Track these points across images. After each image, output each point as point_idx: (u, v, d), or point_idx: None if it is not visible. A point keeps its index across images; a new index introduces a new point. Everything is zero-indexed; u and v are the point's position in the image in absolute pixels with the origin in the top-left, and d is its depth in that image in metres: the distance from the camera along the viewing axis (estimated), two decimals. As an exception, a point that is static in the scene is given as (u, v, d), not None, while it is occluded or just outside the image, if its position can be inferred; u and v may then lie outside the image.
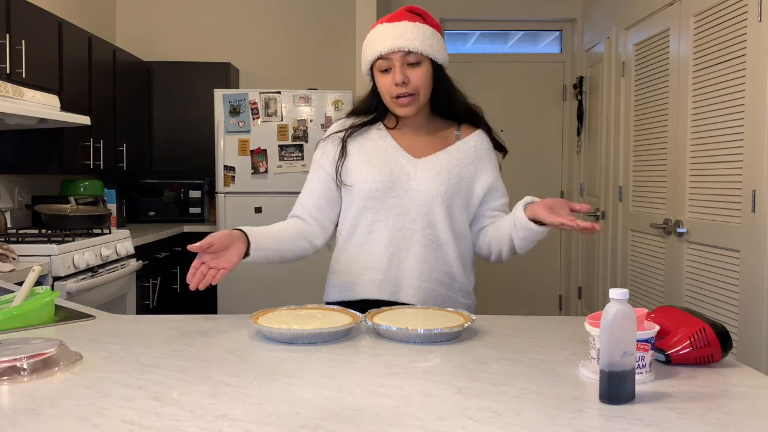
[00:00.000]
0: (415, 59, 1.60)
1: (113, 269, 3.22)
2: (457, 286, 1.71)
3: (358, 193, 1.67)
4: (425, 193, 1.65)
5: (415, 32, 1.60)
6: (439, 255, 1.67)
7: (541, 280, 5.19)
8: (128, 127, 4.29)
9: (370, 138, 1.71)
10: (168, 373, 1.13)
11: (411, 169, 1.66)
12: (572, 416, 0.95)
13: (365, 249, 1.68)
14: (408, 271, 1.65)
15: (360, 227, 1.69)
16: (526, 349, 1.30)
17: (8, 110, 2.67)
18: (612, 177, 4.13)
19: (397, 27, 1.61)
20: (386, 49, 1.59)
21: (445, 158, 1.68)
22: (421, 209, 1.65)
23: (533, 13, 5.10)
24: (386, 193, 1.65)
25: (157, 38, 4.92)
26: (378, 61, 1.62)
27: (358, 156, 1.69)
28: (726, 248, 2.72)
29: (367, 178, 1.66)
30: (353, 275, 1.69)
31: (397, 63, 1.60)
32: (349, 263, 1.70)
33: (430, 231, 1.66)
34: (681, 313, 1.25)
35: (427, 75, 1.63)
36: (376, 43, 1.62)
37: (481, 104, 1.80)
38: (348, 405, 0.99)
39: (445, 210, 1.66)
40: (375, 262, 1.66)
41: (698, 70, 2.97)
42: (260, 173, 4.21)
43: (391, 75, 1.61)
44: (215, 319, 1.55)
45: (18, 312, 1.47)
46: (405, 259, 1.65)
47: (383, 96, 1.67)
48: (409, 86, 1.61)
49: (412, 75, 1.61)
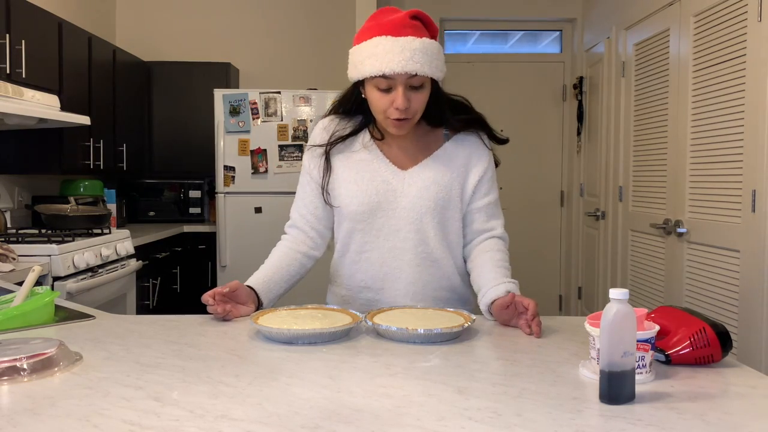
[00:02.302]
0: (419, 82, 1.50)
1: (113, 269, 3.22)
2: (456, 297, 1.68)
3: (346, 214, 1.63)
4: (414, 210, 1.59)
5: (423, 53, 1.47)
6: (434, 272, 1.63)
7: (541, 280, 5.19)
8: (128, 127, 4.29)
9: (355, 149, 1.64)
10: (168, 374, 1.13)
11: (398, 185, 1.60)
12: (572, 416, 0.95)
13: (359, 268, 1.65)
14: (401, 291, 1.62)
15: (351, 247, 1.65)
16: (526, 349, 1.30)
17: (8, 110, 2.67)
18: (612, 177, 4.13)
19: (404, 45, 1.46)
20: (391, 71, 1.46)
21: (432, 167, 1.61)
22: (411, 227, 1.60)
23: (533, 13, 5.10)
24: (373, 213, 1.60)
25: (157, 38, 4.92)
26: (377, 78, 1.49)
27: (342, 172, 1.63)
28: (726, 248, 2.71)
29: (353, 201, 1.60)
30: (350, 291, 1.68)
31: (401, 87, 1.48)
32: (346, 278, 1.68)
33: (423, 248, 1.61)
34: (681, 313, 1.24)
35: (427, 96, 1.54)
36: (380, 59, 1.47)
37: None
38: (348, 405, 0.99)
39: (437, 224, 1.61)
40: (369, 282, 1.64)
41: (698, 70, 2.97)
42: (260, 173, 4.21)
43: (390, 96, 1.50)
44: (215, 319, 1.55)
45: (18, 312, 1.47)
46: (397, 279, 1.62)
47: (375, 112, 1.56)
48: (409, 111, 1.51)
49: (414, 99, 1.51)
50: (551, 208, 5.24)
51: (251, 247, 4.13)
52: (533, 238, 5.17)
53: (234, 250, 4.17)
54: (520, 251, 4.77)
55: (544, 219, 5.20)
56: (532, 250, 5.12)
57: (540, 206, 5.21)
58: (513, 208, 5.00)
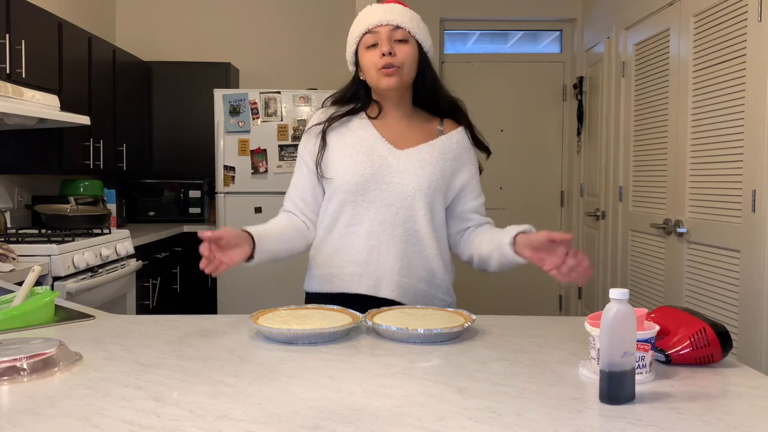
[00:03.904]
0: (402, 36, 1.62)
1: (113, 269, 3.22)
2: (438, 282, 1.69)
3: (339, 186, 1.65)
4: (408, 186, 1.63)
5: (404, 12, 1.64)
6: (419, 250, 1.65)
7: (541, 280, 5.16)
8: (128, 127, 4.29)
9: (352, 128, 1.69)
10: (168, 373, 1.13)
11: (393, 161, 1.64)
12: (572, 416, 0.95)
13: (345, 242, 1.66)
14: (388, 265, 1.63)
15: (341, 220, 1.67)
16: (526, 349, 1.30)
17: (8, 110, 2.67)
18: (612, 177, 4.13)
19: (386, 5, 1.65)
20: (374, 22, 1.62)
21: (428, 151, 1.66)
22: (402, 203, 1.63)
23: (533, 13, 5.10)
24: (367, 186, 1.63)
25: (157, 38, 4.92)
26: (365, 36, 1.63)
27: (338, 147, 1.67)
28: (726, 248, 2.71)
29: (348, 171, 1.64)
30: (333, 267, 1.68)
31: (385, 37, 1.61)
32: (329, 255, 1.69)
33: (411, 225, 1.64)
34: (681, 313, 1.24)
35: (413, 54, 1.64)
36: (364, 19, 1.65)
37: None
38: (348, 405, 0.99)
39: (427, 205, 1.64)
40: (355, 255, 1.65)
41: (698, 70, 2.97)
42: (260, 173, 4.21)
43: (377, 49, 1.61)
44: (215, 319, 1.55)
45: (18, 312, 1.47)
46: (385, 253, 1.64)
47: (368, 72, 1.65)
48: (395, 59, 1.60)
49: (399, 50, 1.61)
50: (551, 208, 5.24)
51: (251, 247, 4.12)
52: (533, 238, 5.16)
53: (234, 250, 4.16)
54: (520, 251, 4.77)
55: (544, 219, 5.19)
56: (532, 250, 5.11)
57: (540, 206, 5.21)
58: (513, 208, 5.00)
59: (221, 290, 4.16)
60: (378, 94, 1.70)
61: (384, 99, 1.70)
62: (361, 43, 1.65)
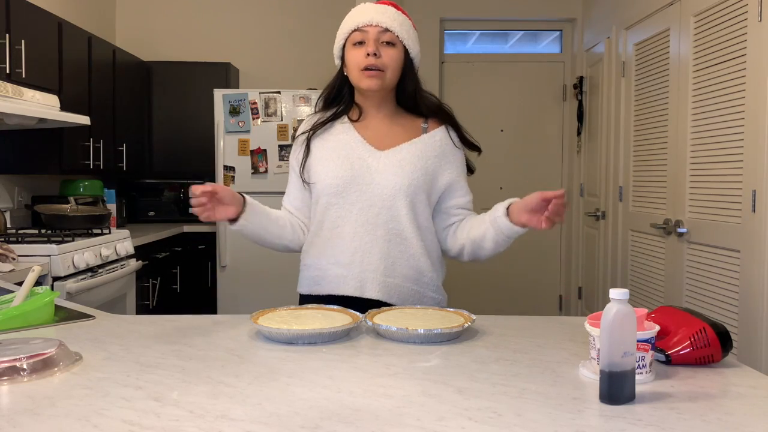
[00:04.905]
0: (390, 39, 1.63)
1: (113, 269, 3.22)
2: (426, 281, 1.69)
3: (321, 189, 1.68)
4: (388, 187, 1.64)
5: (396, 16, 1.65)
6: (404, 249, 1.66)
7: (541, 280, 5.19)
8: (128, 127, 4.29)
9: (334, 132, 1.71)
10: (168, 373, 1.13)
11: (373, 162, 1.66)
12: (572, 416, 0.95)
13: (330, 245, 1.68)
14: (372, 266, 1.64)
15: (326, 223, 1.69)
16: (526, 349, 1.30)
17: (8, 110, 2.67)
18: (612, 177, 4.12)
19: (379, 6, 1.65)
20: (365, 21, 1.63)
21: (409, 150, 1.67)
22: (384, 203, 1.64)
23: (533, 13, 5.10)
24: (348, 187, 1.65)
25: (156, 38, 4.92)
26: (354, 33, 1.64)
27: (320, 152, 1.70)
28: (726, 248, 2.71)
29: (328, 174, 1.66)
30: (320, 270, 1.69)
31: (372, 37, 1.62)
32: (317, 257, 1.70)
33: (394, 225, 1.65)
34: (681, 313, 1.24)
35: (399, 58, 1.65)
36: (356, 16, 1.65)
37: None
38: (348, 405, 0.99)
39: (409, 204, 1.64)
40: (339, 257, 1.66)
41: (698, 70, 2.97)
42: (260, 173, 4.21)
43: (363, 48, 1.63)
44: (215, 319, 1.55)
45: (18, 312, 1.47)
46: (369, 253, 1.64)
47: (351, 70, 1.66)
48: (379, 61, 1.62)
49: (385, 53, 1.63)
50: (551, 208, 5.23)
51: (251, 247, 4.10)
52: (533, 238, 5.15)
53: (234, 250, 4.17)
54: (520, 251, 4.78)
55: (544, 219, 5.19)
56: (532, 250, 5.12)
57: (540, 206, 5.20)
58: (513, 208, 5.00)
59: (221, 290, 4.16)
60: (360, 93, 1.72)
61: (366, 98, 1.71)
62: (349, 39, 1.66)
